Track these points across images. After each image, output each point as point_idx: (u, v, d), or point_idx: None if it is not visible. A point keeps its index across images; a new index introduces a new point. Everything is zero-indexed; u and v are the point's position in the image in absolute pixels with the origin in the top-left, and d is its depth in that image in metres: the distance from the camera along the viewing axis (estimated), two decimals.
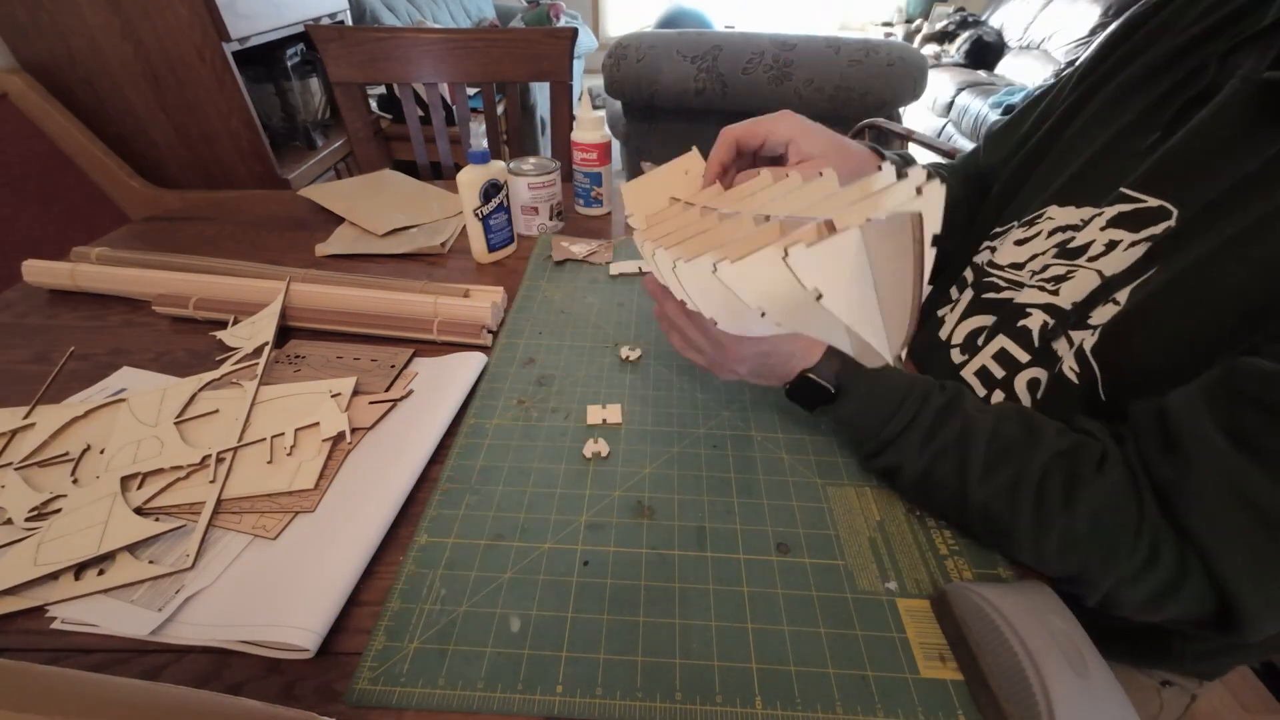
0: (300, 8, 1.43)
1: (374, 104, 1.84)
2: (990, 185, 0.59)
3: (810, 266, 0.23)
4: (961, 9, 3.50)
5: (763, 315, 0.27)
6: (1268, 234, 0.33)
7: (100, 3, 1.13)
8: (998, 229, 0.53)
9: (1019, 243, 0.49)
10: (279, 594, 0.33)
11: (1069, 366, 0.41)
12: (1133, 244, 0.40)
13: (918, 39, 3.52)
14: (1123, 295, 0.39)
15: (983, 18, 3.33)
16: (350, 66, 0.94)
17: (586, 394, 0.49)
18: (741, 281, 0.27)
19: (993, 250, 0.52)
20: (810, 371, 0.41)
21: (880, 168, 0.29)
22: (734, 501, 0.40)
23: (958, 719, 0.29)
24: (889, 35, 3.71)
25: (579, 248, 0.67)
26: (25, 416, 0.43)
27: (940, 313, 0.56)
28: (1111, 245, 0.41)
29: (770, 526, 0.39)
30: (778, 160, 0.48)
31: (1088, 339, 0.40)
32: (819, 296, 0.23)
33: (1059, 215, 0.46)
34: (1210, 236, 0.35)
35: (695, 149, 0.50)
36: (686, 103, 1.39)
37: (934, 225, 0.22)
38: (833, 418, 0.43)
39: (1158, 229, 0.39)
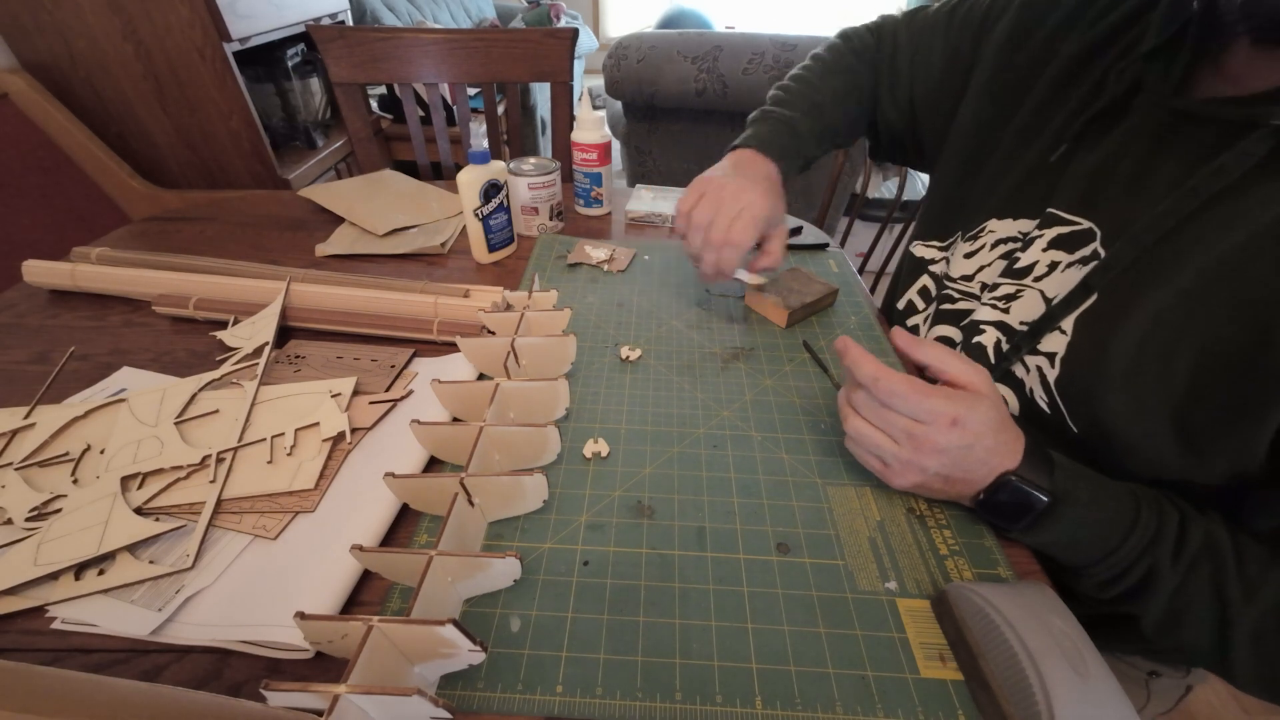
0: (301, 8, 1.43)
1: (374, 104, 1.84)
2: (896, 83, 0.61)
3: None
4: None
5: None
6: (1224, 287, 0.33)
7: (101, 3, 1.13)
8: (947, 239, 0.55)
9: (967, 256, 0.51)
10: (279, 594, 0.33)
11: (1040, 396, 0.42)
12: (1069, 265, 0.41)
13: None
14: (1068, 324, 0.40)
15: None
16: (351, 66, 0.94)
17: (586, 394, 0.49)
18: None
19: (948, 262, 0.54)
20: (1014, 474, 0.35)
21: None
22: (734, 501, 0.40)
23: (958, 719, 0.30)
24: None
25: (599, 253, 0.67)
26: (25, 416, 0.43)
27: (911, 323, 0.57)
28: (1053, 266, 0.43)
29: (770, 526, 0.39)
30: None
31: (1047, 369, 0.41)
32: None
33: (999, 228, 0.48)
34: (1163, 284, 0.36)
35: None
36: (687, 103, 1.39)
37: None
38: (1047, 536, 0.35)
39: (1087, 250, 0.40)
